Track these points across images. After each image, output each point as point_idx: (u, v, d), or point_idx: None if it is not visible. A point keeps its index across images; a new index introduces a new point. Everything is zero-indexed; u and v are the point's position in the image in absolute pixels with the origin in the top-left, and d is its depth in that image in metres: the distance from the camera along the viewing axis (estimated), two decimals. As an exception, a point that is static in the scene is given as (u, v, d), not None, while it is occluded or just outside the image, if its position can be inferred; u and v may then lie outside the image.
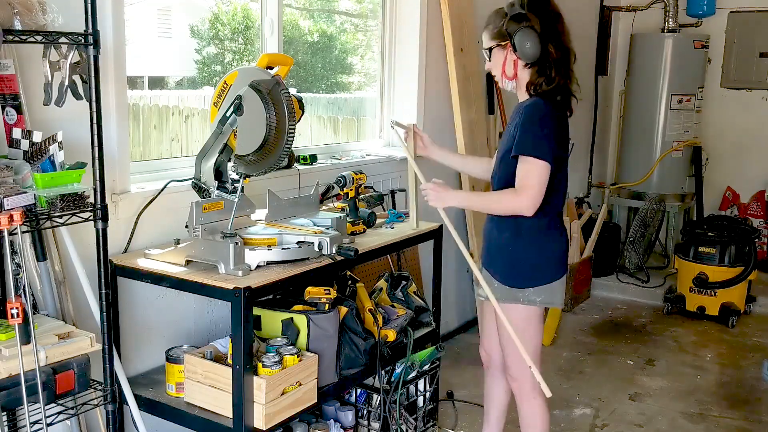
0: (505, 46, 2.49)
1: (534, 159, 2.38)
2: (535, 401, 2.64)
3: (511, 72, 2.51)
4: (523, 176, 2.40)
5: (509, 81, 2.54)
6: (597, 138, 6.32)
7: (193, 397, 2.46)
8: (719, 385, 4.05)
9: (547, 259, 2.57)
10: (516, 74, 2.51)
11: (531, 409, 2.66)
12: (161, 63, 3.35)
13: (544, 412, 2.67)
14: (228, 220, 2.45)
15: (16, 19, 1.92)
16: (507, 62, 2.50)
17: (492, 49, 2.54)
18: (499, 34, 2.49)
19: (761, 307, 5.26)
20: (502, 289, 2.56)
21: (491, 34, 2.52)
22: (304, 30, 3.89)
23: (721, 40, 6.15)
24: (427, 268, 3.65)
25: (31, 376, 1.94)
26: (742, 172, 6.23)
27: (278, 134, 2.48)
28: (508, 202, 2.45)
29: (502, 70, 2.53)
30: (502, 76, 2.54)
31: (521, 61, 2.47)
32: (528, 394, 2.64)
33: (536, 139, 2.39)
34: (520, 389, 2.66)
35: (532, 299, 2.55)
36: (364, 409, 3.03)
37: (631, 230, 5.78)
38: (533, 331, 2.60)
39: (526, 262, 2.55)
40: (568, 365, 4.26)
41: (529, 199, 2.39)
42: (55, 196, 2.01)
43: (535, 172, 2.38)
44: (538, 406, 2.65)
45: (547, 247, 2.57)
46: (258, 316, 2.58)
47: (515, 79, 2.52)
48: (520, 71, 2.50)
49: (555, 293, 2.59)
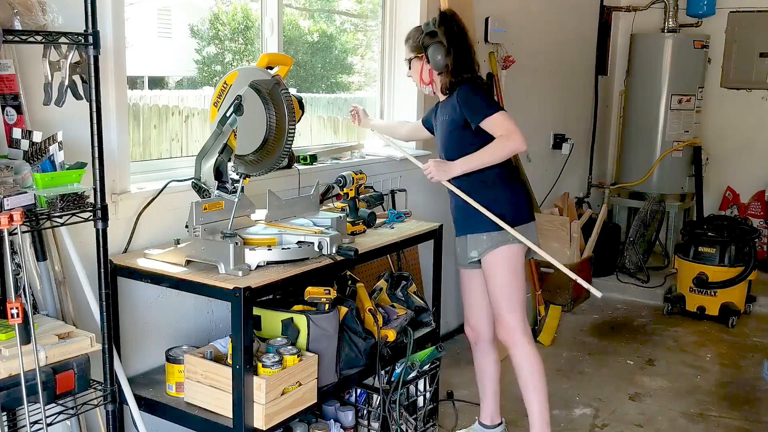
0: (422, 58, 2.95)
1: (494, 114, 2.80)
2: (529, 346, 2.94)
3: (427, 79, 2.98)
4: (499, 126, 2.79)
5: (426, 86, 3.00)
6: (597, 138, 6.32)
7: (193, 397, 2.46)
8: (719, 385, 4.05)
9: (519, 203, 2.95)
10: (431, 80, 2.97)
11: (523, 350, 2.94)
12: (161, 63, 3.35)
13: (535, 354, 2.96)
14: (228, 220, 2.45)
15: (16, 19, 1.92)
16: (423, 71, 2.97)
17: (411, 60, 2.99)
18: (416, 47, 2.95)
19: (761, 307, 5.26)
20: (491, 236, 2.89)
21: (411, 47, 2.98)
22: (304, 30, 3.88)
23: (721, 40, 6.15)
24: (427, 268, 3.65)
25: (31, 376, 1.94)
26: (742, 172, 6.23)
27: (278, 134, 2.48)
28: (506, 143, 2.80)
29: (420, 77, 2.99)
30: (420, 82, 3.01)
31: (434, 70, 2.92)
32: (520, 339, 2.93)
33: (484, 103, 2.85)
34: (512, 337, 2.94)
35: (518, 238, 2.87)
36: (364, 409, 3.03)
37: (631, 230, 5.78)
38: (521, 274, 2.95)
39: (506, 204, 2.90)
40: (568, 365, 4.26)
41: (519, 136, 2.78)
42: (55, 196, 2.01)
43: (504, 119, 2.80)
44: (530, 349, 2.95)
45: (516, 191, 2.96)
46: (258, 316, 2.58)
47: (431, 84, 2.98)
48: (435, 78, 2.96)
49: (532, 232, 2.96)
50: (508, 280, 2.91)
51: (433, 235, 3.17)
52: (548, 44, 5.35)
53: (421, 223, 3.17)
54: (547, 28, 5.31)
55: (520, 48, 4.85)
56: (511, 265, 2.91)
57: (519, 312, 2.93)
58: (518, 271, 2.94)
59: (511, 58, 4.75)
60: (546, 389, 3.00)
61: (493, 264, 2.91)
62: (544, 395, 2.99)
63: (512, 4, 4.83)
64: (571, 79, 5.82)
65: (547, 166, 5.59)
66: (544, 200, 5.56)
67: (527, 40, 5.02)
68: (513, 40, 4.76)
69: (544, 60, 5.34)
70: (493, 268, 2.92)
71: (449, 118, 2.92)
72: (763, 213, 6.11)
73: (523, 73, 5.00)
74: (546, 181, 5.59)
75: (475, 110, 2.82)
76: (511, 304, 2.92)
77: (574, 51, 5.82)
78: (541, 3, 5.21)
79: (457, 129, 2.89)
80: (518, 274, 2.94)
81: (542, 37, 5.26)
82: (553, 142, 5.64)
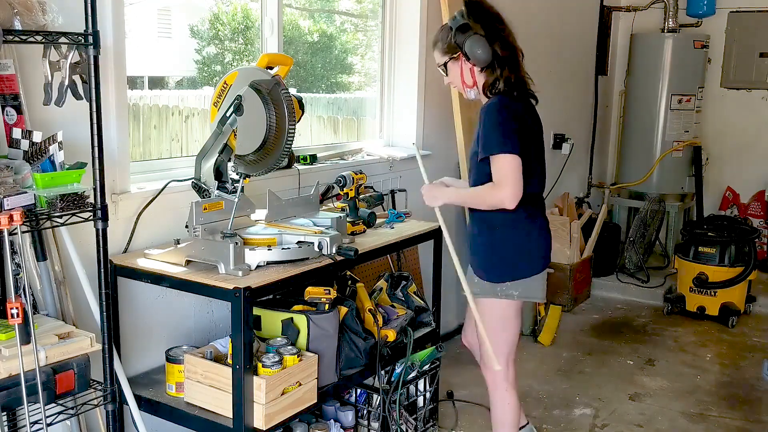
0: (458, 57, 2.59)
1: (502, 155, 2.46)
2: (507, 393, 2.77)
3: (470, 80, 2.62)
4: (497, 172, 2.48)
5: (470, 89, 2.64)
6: (597, 138, 6.32)
7: (193, 397, 2.46)
8: (719, 385, 4.05)
9: (524, 253, 2.64)
10: (475, 81, 2.61)
11: (502, 399, 2.78)
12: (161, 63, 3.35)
13: (513, 400, 2.79)
14: (228, 220, 2.45)
15: (16, 19, 1.92)
16: (464, 72, 2.61)
17: (447, 64, 2.64)
18: (450, 48, 2.60)
19: (761, 307, 5.26)
20: (482, 284, 2.66)
21: (442, 50, 2.64)
22: (304, 30, 3.89)
23: (721, 40, 6.15)
24: (427, 268, 3.65)
25: (31, 376, 1.94)
26: (742, 172, 6.23)
27: (278, 134, 2.49)
28: (489, 195, 2.52)
29: (462, 80, 2.63)
30: (463, 86, 2.65)
31: (476, 68, 2.58)
32: (500, 385, 2.77)
33: (499, 137, 2.48)
34: (493, 380, 2.78)
35: (509, 293, 2.63)
36: (364, 409, 3.03)
37: (631, 230, 5.78)
38: (510, 325, 2.71)
39: (502, 256, 2.64)
40: (568, 365, 4.26)
41: (507, 192, 2.46)
42: (55, 196, 2.01)
43: (506, 166, 2.46)
44: (509, 397, 2.78)
45: (523, 240, 2.64)
46: (258, 316, 2.58)
47: (475, 86, 2.62)
48: (477, 77, 2.60)
49: (534, 287, 2.66)
50: (495, 332, 2.66)
51: (433, 235, 3.17)
52: (548, 44, 5.35)
53: (421, 223, 3.17)
54: (547, 28, 5.30)
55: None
56: (498, 319, 2.67)
57: (504, 358, 2.71)
58: (506, 323, 2.69)
59: (511, 58, 4.74)
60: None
61: (483, 311, 2.66)
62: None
63: (512, 4, 4.81)
64: (571, 79, 5.82)
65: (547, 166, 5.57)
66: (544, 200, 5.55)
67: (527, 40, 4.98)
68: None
69: (544, 60, 5.33)
70: (483, 315, 2.65)
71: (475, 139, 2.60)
72: (763, 213, 6.11)
73: (523, 73, 4.99)
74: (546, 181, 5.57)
75: (487, 141, 2.49)
76: (497, 350, 2.68)
77: (574, 51, 5.82)
78: (541, 3, 5.20)
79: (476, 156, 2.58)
80: (506, 325, 2.70)
81: (542, 37, 5.26)
82: (553, 142, 5.64)
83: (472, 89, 2.64)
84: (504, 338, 2.70)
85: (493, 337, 2.66)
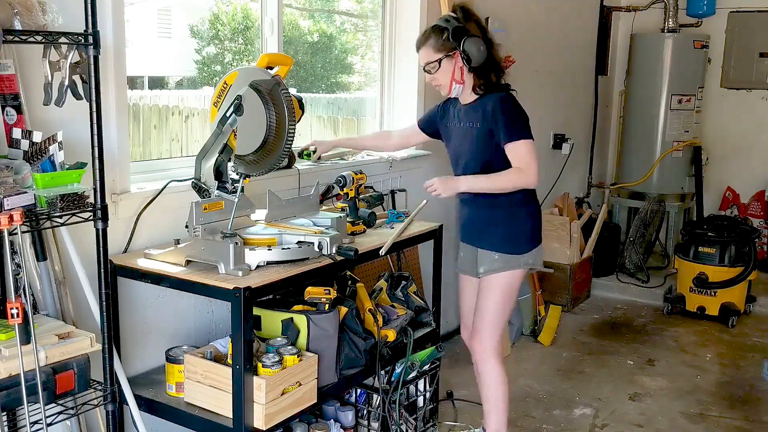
0: (453, 56, 2.76)
1: (523, 141, 2.73)
2: (498, 365, 2.95)
3: (460, 78, 2.79)
4: (522, 157, 2.72)
5: (459, 85, 2.81)
6: (597, 138, 6.32)
7: (193, 397, 2.46)
8: (719, 385, 4.05)
9: (534, 226, 2.93)
10: (464, 79, 2.80)
11: (492, 368, 2.95)
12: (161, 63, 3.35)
13: (502, 374, 2.96)
14: (228, 220, 2.45)
15: (16, 19, 1.92)
16: (456, 70, 2.78)
17: (441, 61, 2.78)
18: (446, 46, 2.76)
19: (761, 307, 5.26)
20: (504, 258, 2.86)
21: (436, 48, 2.77)
22: (304, 30, 3.88)
23: (721, 40, 6.15)
24: (427, 268, 3.65)
25: (31, 376, 1.94)
26: (742, 172, 6.23)
27: (278, 134, 2.49)
28: (517, 180, 2.76)
29: (452, 77, 2.79)
30: (452, 82, 2.80)
31: (465, 67, 2.76)
32: (490, 358, 2.94)
33: (519, 124, 2.75)
34: (485, 352, 2.94)
35: (529, 262, 2.90)
36: (364, 409, 3.03)
37: (631, 230, 5.78)
38: (514, 295, 2.96)
39: (523, 229, 2.90)
40: (568, 365, 4.26)
41: (534, 174, 2.74)
42: (55, 196, 2.01)
43: (530, 150, 2.73)
44: (499, 369, 2.95)
45: (533, 213, 2.93)
46: (258, 316, 2.58)
47: (463, 83, 2.80)
48: (465, 77, 2.80)
49: (539, 256, 2.97)
50: (502, 304, 2.91)
51: (433, 235, 3.17)
52: (548, 44, 5.35)
53: (421, 223, 3.17)
54: (547, 28, 5.31)
55: (520, 48, 4.85)
56: (511, 289, 2.92)
57: (498, 334, 2.94)
58: (513, 296, 2.95)
59: (511, 58, 4.75)
60: (506, 408, 3.00)
61: (494, 284, 2.89)
62: (503, 413, 2.99)
63: (512, 4, 4.83)
64: (571, 79, 5.82)
65: (547, 166, 5.58)
66: (544, 200, 5.55)
67: (527, 40, 5.02)
68: (513, 40, 4.76)
69: (544, 60, 5.33)
70: (492, 289, 2.90)
71: (479, 125, 2.81)
72: (763, 213, 6.11)
73: (523, 73, 4.99)
74: (546, 181, 5.58)
75: (510, 128, 2.73)
76: (495, 324, 2.92)
77: (574, 51, 5.82)
78: (541, 3, 5.21)
79: (486, 138, 2.79)
80: (513, 298, 2.95)
81: (542, 37, 5.26)
82: (553, 142, 5.64)
83: (458, 86, 2.80)
84: (506, 312, 2.95)
85: (496, 312, 2.90)
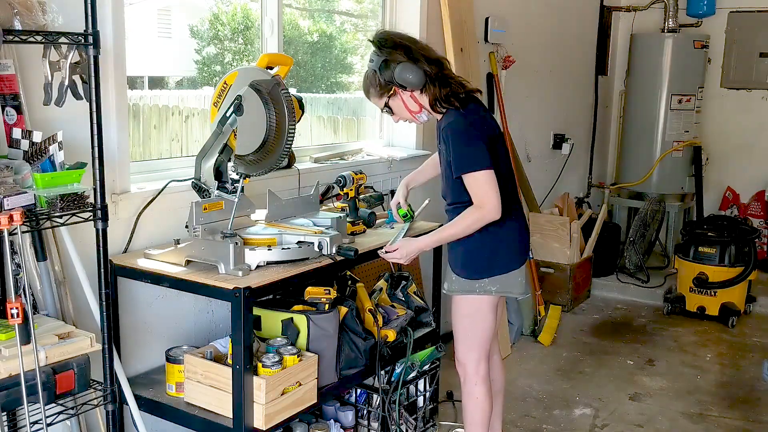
0: (395, 92, 2.63)
1: (474, 174, 2.51)
2: (476, 387, 2.80)
3: (416, 106, 2.65)
4: (476, 191, 2.54)
5: (420, 114, 2.68)
6: (597, 138, 6.32)
7: (193, 397, 2.46)
8: (719, 385, 4.05)
9: (502, 250, 2.69)
10: (420, 105, 2.65)
11: (471, 392, 2.82)
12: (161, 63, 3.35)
13: (483, 395, 2.81)
14: (228, 220, 2.45)
15: (16, 19, 1.92)
16: (406, 102, 2.65)
17: (388, 104, 2.67)
18: (383, 87, 2.63)
19: (761, 307, 5.26)
20: (459, 281, 2.71)
21: (378, 94, 2.65)
22: (304, 30, 3.89)
23: (721, 40, 6.15)
24: (427, 268, 3.65)
25: (31, 376, 1.94)
26: (742, 172, 6.23)
27: (278, 134, 2.49)
28: (476, 220, 2.56)
29: (408, 110, 2.67)
30: (412, 115, 2.68)
31: (415, 92, 2.62)
32: (471, 379, 2.81)
33: (469, 154, 2.53)
34: (464, 373, 2.82)
35: (487, 289, 2.69)
36: (364, 409, 3.03)
37: (631, 230, 5.78)
38: (484, 319, 2.74)
39: (480, 253, 2.68)
40: (568, 365, 4.26)
41: (494, 208, 2.52)
42: (55, 196, 2.01)
43: (484, 182, 2.51)
44: (479, 391, 2.81)
45: (500, 237, 2.67)
46: (258, 316, 2.58)
47: (422, 109, 2.66)
48: (420, 100, 2.64)
49: (511, 283, 2.71)
50: (468, 326, 2.74)
51: (433, 235, 3.17)
52: (548, 44, 5.35)
53: (421, 224, 3.17)
54: (547, 28, 5.31)
55: (520, 48, 4.85)
56: (478, 313, 2.72)
57: (476, 352, 2.75)
58: (481, 320, 2.73)
59: (511, 58, 4.75)
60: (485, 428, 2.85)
61: (457, 307, 2.76)
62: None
63: (512, 4, 4.83)
64: (571, 79, 5.82)
65: (547, 166, 5.59)
66: (544, 200, 5.56)
67: (527, 40, 5.02)
68: (513, 40, 4.76)
69: (544, 60, 5.34)
70: (456, 311, 2.77)
71: (444, 152, 2.64)
72: (763, 213, 6.11)
73: (523, 73, 5.00)
74: (546, 181, 5.59)
75: (458, 159, 2.53)
76: (468, 345, 2.76)
77: (574, 51, 5.82)
78: (541, 3, 5.21)
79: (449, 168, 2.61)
80: (480, 322, 2.74)
81: (542, 37, 5.26)
82: (553, 142, 5.64)
83: (422, 113, 2.68)
84: (477, 334, 2.75)
85: (468, 332, 2.75)
